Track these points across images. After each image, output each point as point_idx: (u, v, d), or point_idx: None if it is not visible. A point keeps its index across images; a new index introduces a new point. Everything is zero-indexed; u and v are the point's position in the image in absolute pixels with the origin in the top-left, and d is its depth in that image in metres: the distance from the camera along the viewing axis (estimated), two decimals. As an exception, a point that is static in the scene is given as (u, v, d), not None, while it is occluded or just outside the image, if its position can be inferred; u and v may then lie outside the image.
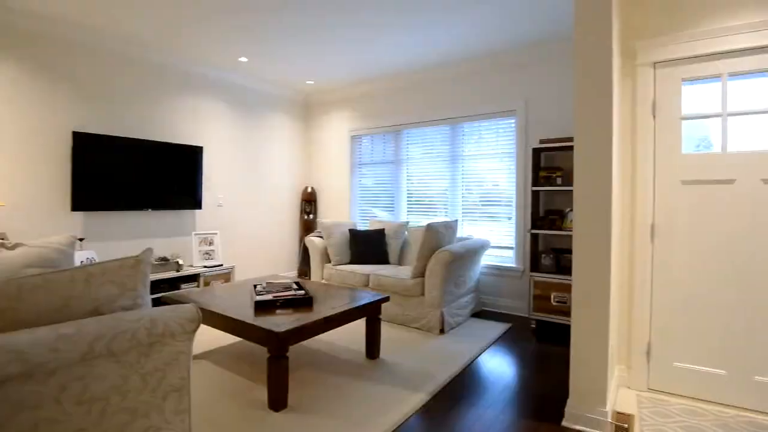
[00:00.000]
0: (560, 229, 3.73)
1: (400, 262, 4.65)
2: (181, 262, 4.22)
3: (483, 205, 4.59)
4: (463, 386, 2.66)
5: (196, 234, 4.56)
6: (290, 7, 3.34)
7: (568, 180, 3.85)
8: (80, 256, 3.46)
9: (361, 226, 5.56)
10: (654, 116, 2.56)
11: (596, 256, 2.14)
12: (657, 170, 2.57)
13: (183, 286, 4.18)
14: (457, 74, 4.70)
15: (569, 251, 3.83)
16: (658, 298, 2.57)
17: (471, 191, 4.68)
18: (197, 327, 1.55)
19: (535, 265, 3.87)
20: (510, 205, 4.40)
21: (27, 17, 3.46)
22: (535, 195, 3.93)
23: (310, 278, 5.05)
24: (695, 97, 2.50)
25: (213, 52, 4.36)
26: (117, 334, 1.33)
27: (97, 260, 3.72)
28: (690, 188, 2.48)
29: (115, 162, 3.98)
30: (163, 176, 4.36)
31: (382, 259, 4.56)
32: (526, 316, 4.20)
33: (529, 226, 4.16)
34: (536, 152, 3.90)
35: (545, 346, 3.41)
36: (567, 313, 3.58)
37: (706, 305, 2.44)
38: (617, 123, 2.44)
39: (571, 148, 3.71)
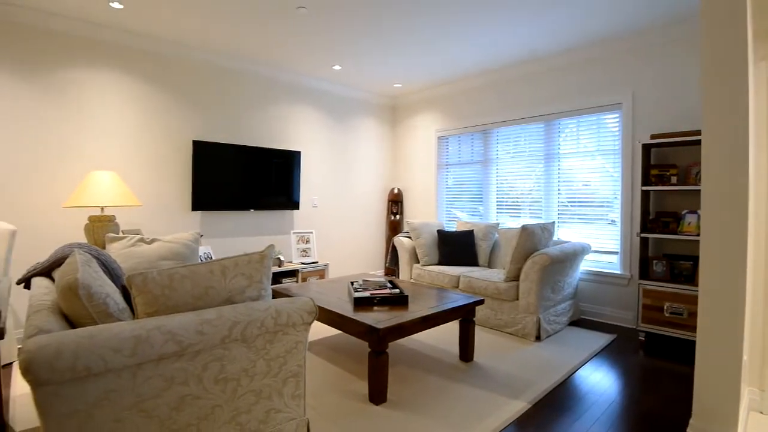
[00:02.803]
0: (675, 233, 3.39)
1: (489, 264, 4.54)
2: (282, 258, 4.53)
3: (580, 206, 4.32)
4: (565, 397, 2.53)
5: (294, 233, 4.86)
6: (379, 14, 3.43)
7: (685, 179, 3.49)
8: (199, 251, 3.86)
9: (448, 227, 5.53)
10: (800, 104, 2.23)
11: (729, 262, 1.92)
12: (804, 166, 2.23)
13: (284, 280, 4.48)
14: (552, 68, 4.47)
15: (686, 257, 3.47)
16: (805, 314, 2.23)
17: (568, 192, 4.43)
18: (314, 319, 1.66)
19: (644, 272, 3.56)
20: (608, 206, 4.09)
21: (153, 41, 3.95)
22: (645, 195, 3.61)
23: (398, 277, 5.12)
24: None
25: (310, 62, 4.61)
26: (250, 321, 1.46)
27: (213, 255, 4.13)
28: None
29: (225, 166, 4.38)
30: (265, 179, 4.71)
31: (472, 260, 4.49)
32: (633, 327, 3.88)
33: (637, 229, 3.84)
34: (646, 148, 3.57)
35: (656, 360, 3.12)
36: (682, 326, 3.24)
37: None
38: (753, 112, 2.16)
39: (689, 143, 3.36)
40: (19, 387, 2.64)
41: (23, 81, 3.33)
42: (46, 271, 2.10)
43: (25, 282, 2.19)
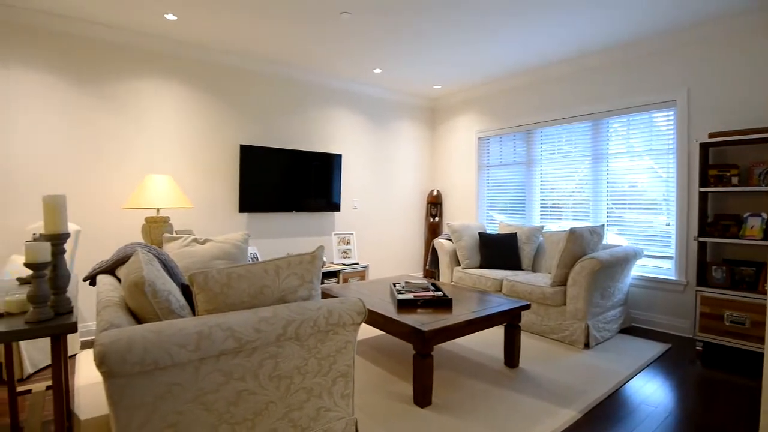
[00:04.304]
0: (736, 237, 3.19)
1: (533, 268, 4.43)
2: (324, 259, 4.60)
3: (630, 209, 4.14)
4: (617, 408, 2.43)
5: (335, 234, 4.93)
6: (421, 17, 3.42)
7: (747, 179, 3.28)
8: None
9: (490, 230, 5.44)
10: None
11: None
12: None
13: (326, 281, 4.55)
14: (599, 65, 4.32)
15: (748, 263, 3.26)
16: None
17: (614, 193, 4.25)
18: (364, 319, 1.68)
19: (702, 279, 3.37)
20: (656, 209, 3.90)
21: (203, 50, 4.12)
22: (703, 197, 3.42)
23: (438, 280, 5.09)
24: None
25: (351, 66, 4.67)
26: (304, 320, 1.49)
27: (258, 255, 4.25)
28: None
29: (269, 170, 4.51)
30: (308, 182, 4.80)
31: (515, 264, 4.39)
32: (690, 336, 3.67)
33: (694, 232, 3.64)
34: (704, 148, 3.39)
35: (715, 372, 2.94)
36: (744, 336, 3.05)
37: None
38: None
39: (753, 141, 3.15)
40: (83, 378, 2.80)
41: (86, 91, 3.56)
42: (110, 269, 2.23)
43: (91, 279, 2.33)
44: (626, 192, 4.16)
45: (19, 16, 3.24)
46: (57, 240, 1.60)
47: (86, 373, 2.86)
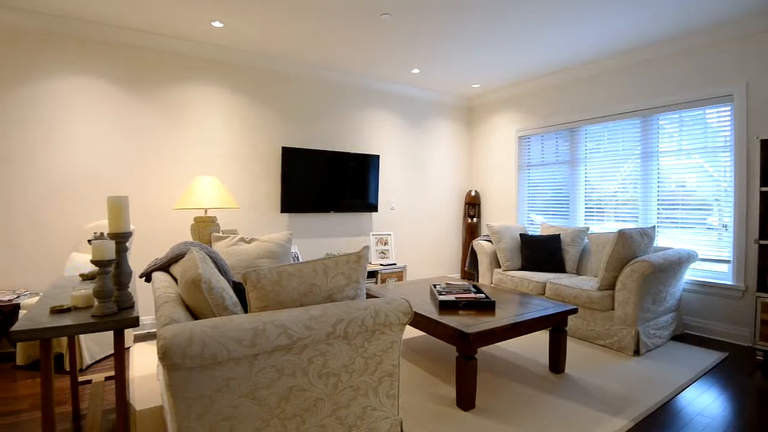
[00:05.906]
0: (804, 241, 2.98)
1: (578, 271, 4.29)
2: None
3: (683, 209, 3.93)
4: (672, 418, 2.31)
5: (373, 234, 4.95)
6: (461, 17, 3.39)
7: (817, 178, 3.05)
8: (286, 251, 4.07)
9: (531, 231, 5.32)
10: None
11: None
12: None
13: (363, 282, 4.59)
14: (648, 59, 4.13)
15: (818, 269, 3.03)
16: None
17: (663, 193, 4.06)
18: (410, 320, 1.68)
19: (763, 284, 3.16)
20: (706, 210, 3.69)
21: (246, 55, 4.25)
22: (765, 197, 3.21)
23: (477, 281, 5.02)
24: None
25: (389, 67, 4.69)
26: (352, 319, 1.51)
27: (299, 255, 4.34)
28: None
29: (308, 171, 4.59)
30: (345, 182, 4.85)
31: (558, 266, 4.27)
32: (749, 345, 3.45)
33: (755, 234, 3.42)
34: (765, 144, 3.18)
35: (779, 384, 2.76)
36: (815, 346, 2.84)
37: None
38: None
39: (822, 138, 2.93)
40: (137, 370, 2.95)
41: (137, 96, 3.75)
42: (165, 266, 2.33)
43: (146, 275, 2.45)
44: (675, 192, 3.97)
45: (78, 28, 3.45)
46: (120, 238, 1.69)
47: (140, 366, 3.01)
